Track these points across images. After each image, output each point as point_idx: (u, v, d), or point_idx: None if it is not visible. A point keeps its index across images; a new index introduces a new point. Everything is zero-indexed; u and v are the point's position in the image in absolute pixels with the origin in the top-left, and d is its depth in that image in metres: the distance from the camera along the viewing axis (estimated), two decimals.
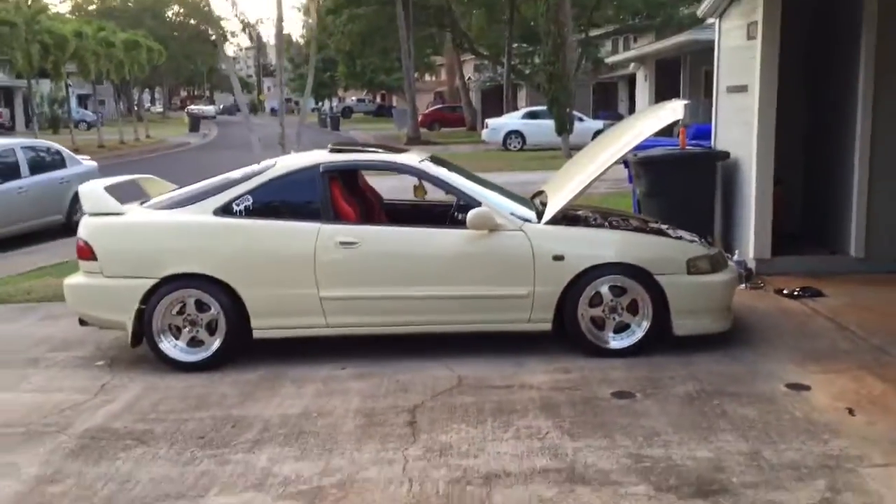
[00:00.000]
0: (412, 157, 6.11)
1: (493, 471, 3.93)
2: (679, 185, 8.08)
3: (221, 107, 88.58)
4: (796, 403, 4.64)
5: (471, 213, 5.49)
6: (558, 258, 5.50)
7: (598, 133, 18.26)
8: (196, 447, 4.32)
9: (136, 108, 49.23)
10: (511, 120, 30.50)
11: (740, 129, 8.12)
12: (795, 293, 7.00)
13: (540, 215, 5.74)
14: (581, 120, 26.94)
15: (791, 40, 7.78)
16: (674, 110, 6.13)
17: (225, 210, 5.62)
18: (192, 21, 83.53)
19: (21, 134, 33.45)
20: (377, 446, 4.26)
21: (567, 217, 5.87)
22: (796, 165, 8.53)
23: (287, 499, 3.74)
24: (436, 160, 6.16)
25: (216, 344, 5.56)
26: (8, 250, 11.08)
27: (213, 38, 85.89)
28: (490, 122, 30.71)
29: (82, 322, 5.92)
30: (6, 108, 45.41)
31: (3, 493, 3.87)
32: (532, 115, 29.54)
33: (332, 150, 6.03)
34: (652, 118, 6.42)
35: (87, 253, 5.63)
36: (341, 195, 5.81)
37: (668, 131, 10.11)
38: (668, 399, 4.78)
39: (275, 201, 5.70)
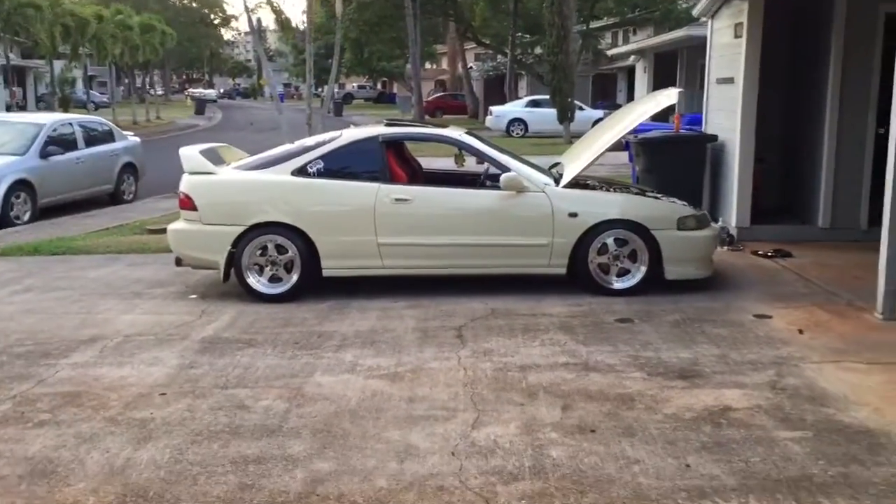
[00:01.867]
0: (454, 131, 7.37)
1: (526, 364, 5.20)
2: (673, 162, 9.34)
3: (222, 90, 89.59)
4: (759, 326, 5.93)
5: (504, 177, 6.74)
6: (573, 215, 6.75)
7: (597, 121, 19.46)
8: (295, 349, 5.60)
9: (148, 91, 50.16)
10: (514, 108, 31.66)
11: (727, 115, 9.39)
12: (769, 254, 8.28)
13: (557, 181, 6.99)
14: (581, 109, 28.14)
15: (775, 38, 9.04)
16: (669, 96, 7.38)
17: (301, 171, 6.87)
18: (195, 4, 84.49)
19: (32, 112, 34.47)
20: (435, 349, 5.53)
21: (579, 184, 7.12)
22: (776, 148, 9.78)
23: (374, 378, 5.01)
24: (472, 135, 7.41)
25: (293, 280, 6.82)
26: (66, 215, 12.31)
27: (217, 22, 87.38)
28: (494, 109, 31.88)
29: (178, 262, 7.16)
30: (19, 88, 46.42)
31: (158, 374, 5.13)
32: (535, 104, 30.69)
33: (388, 125, 7.29)
34: (651, 102, 7.69)
35: (188, 204, 6.88)
36: (395, 161, 7.07)
37: (664, 117, 11.39)
38: (659, 324, 6.06)
39: (342, 165, 6.93)
